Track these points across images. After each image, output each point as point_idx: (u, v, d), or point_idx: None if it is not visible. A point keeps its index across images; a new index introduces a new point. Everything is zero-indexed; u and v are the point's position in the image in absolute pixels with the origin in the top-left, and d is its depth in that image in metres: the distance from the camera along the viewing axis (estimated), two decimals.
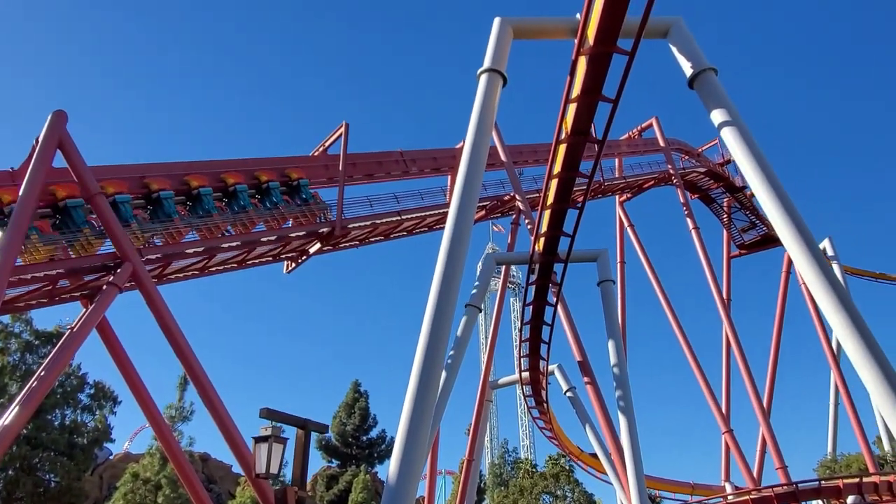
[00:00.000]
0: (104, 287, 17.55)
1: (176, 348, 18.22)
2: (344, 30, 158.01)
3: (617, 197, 42.61)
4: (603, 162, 37.73)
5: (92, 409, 30.87)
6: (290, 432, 7.96)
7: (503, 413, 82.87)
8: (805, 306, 44.20)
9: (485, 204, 29.91)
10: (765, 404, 37.03)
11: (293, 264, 25.04)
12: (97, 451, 35.83)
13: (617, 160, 41.68)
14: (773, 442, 32.30)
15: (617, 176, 40.40)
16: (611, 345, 19.92)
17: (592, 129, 14.81)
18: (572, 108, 13.62)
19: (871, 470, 35.28)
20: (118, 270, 17.56)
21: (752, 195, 48.86)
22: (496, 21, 13.32)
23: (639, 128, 44.89)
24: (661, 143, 43.02)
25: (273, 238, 22.38)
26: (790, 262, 47.15)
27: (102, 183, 18.47)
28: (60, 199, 18.23)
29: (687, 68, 13.12)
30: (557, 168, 15.40)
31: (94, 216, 18.27)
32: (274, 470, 7.09)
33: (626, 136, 44.58)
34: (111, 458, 50.18)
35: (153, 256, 19.44)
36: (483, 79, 12.95)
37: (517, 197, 29.09)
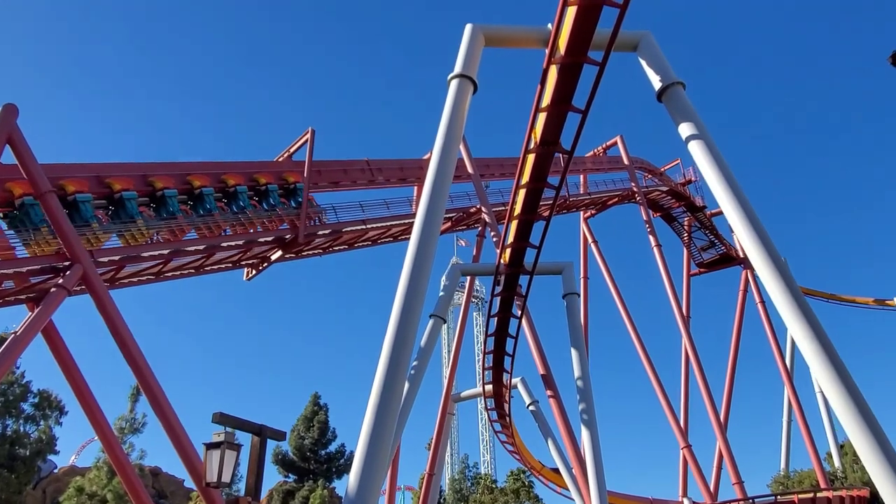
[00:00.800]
0: (52, 289, 16.74)
1: (127, 356, 17.45)
2: (311, 33, 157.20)
3: (581, 213, 43.10)
4: (568, 178, 38.23)
5: (36, 419, 29.39)
6: (246, 440, 7.57)
7: (464, 428, 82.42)
8: (761, 324, 45.37)
9: (451, 215, 29.82)
10: (722, 419, 37.58)
11: (253, 271, 24.43)
12: (40, 464, 34.13)
13: (582, 176, 42.19)
14: (730, 457, 32.74)
15: (581, 192, 40.86)
16: (575, 357, 19.91)
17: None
18: (542, 117, 13.61)
19: (823, 486, 36.11)
20: (68, 272, 16.78)
21: (712, 215, 50.06)
22: (468, 28, 13.27)
23: (604, 145, 45.59)
24: (626, 161, 43.72)
25: (237, 243, 21.76)
26: (747, 281, 48.36)
27: (63, 181, 17.93)
28: (17, 196, 17.62)
29: (655, 82, 13.26)
30: (525, 178, 15.36)
31: None
32: (226, 478, 6.65)
33: (592, 153, 45.21)
34: (55, 471, 47.99)
35: (106, 259, 18.66)
36: (453, 84, 12.84)
37: (483, 209, 29.10)
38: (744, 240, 11.12)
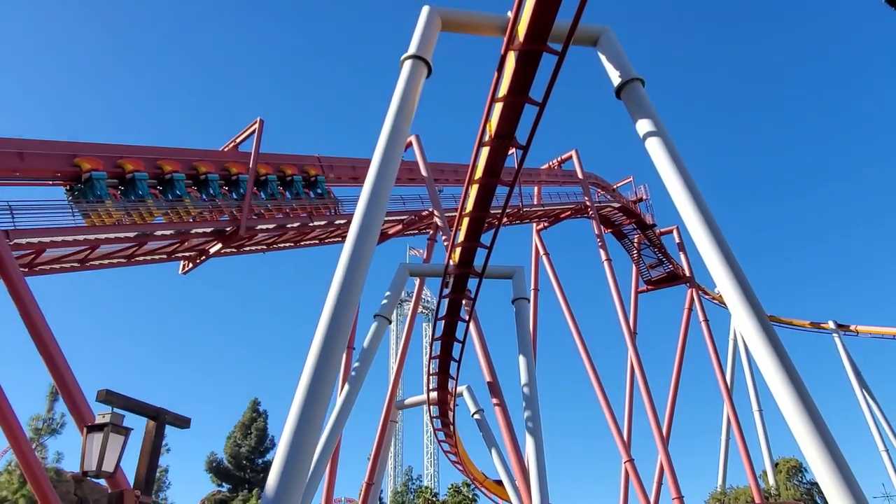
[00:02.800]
0: None
1: (42, 349, 16.02)
2: (265, 22, 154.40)
3: (534, 225, 43.09)
4: (522, 189, 38.17)
5: None
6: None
7: (410, 439, 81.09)
8: (704, 342, 46.17)
9: (402, 218, 29.17)
10: (664, 434, 37.78)
11: (190, 264, 23.11)
12: None
13: (536, 188, 42.23)
14: (671, 472, 32.88)
15: (535, 203, 40.80)
16: (522, 363, 19.40)
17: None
18: (498, 108, 13.10)
19: (758, 502, 36.69)
20: None
21: (661, 233, 50.93)
22: (425, 9, 12.72)
23: (559, 159, 45.82)
24: (580, 176, 44.01)
25: (170, 232, 20.49)
26: (692, 300, 49.31)
27: None
28: (86, 171, 18.38)
29: (614, 77, 12.95)
30: (479, 173, 14.81)
31: None
32: (108, 468, 5.71)
33: (547, 165, 45.35)
34: None
35: (24, 241, 17.18)
36: (406, 65, 12.21)
37: (436, 213, 28.57)
38: (694, 233, 10.79)
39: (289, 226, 24.01)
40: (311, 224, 24.67)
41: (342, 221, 25.90)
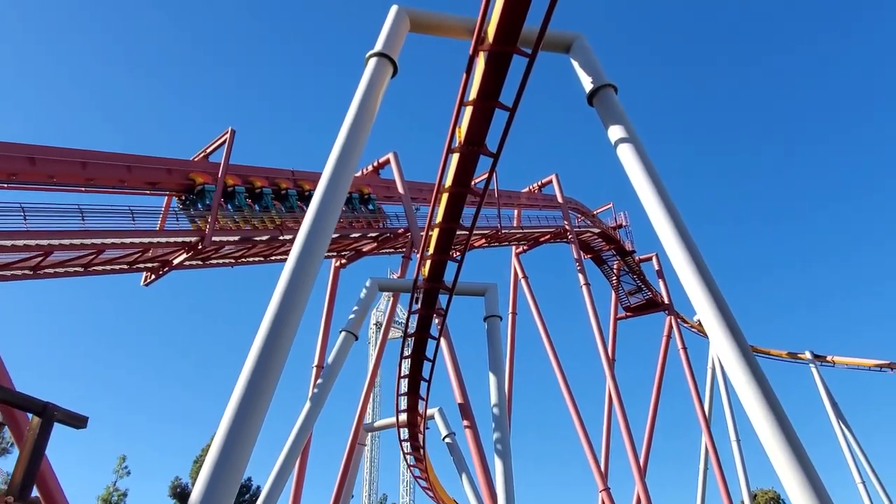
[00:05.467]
0: None
1: None
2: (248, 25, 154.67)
3: (513, 248, 42.75)
4: (501, 211, 37.92)
5: None
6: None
7: (385, 466, 79.25)
8: (682, 370, 45.80)
9: (375, 235, 28.64)
10: (641, 463, 37.10)
11: (152, 276, 22.28)
12: None
13: (516, 211, 41.99)
14: (648, 502, 32.16)
15: (515, 225, 40.50)
16: (493, 382, 18.77)
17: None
18: (468, 113, 12.72)
19: None
20: None
21: (641, 260, 50.86)
22: (393, 8, 12.38)
23: (539, 182, 45.73)
24: (560, 200, 43.90)
25: (132, 241, 19.70)
26: (671, 327, 49.08)
27: None
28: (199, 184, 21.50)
29: (587, 84, 12.68)
30: (449, 181, 14.37)
31: None
32: None
33: (527, 189, 45.23)
34: None
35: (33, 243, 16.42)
36: (371, 63, 11.81)
37: (411, 232, 28.13)
38: (663, 236, 10.39)
39: (256, 239, 23.32)
40: (280, 238, 24.00)
41: None
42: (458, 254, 17.36)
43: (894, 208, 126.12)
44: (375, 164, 32.17)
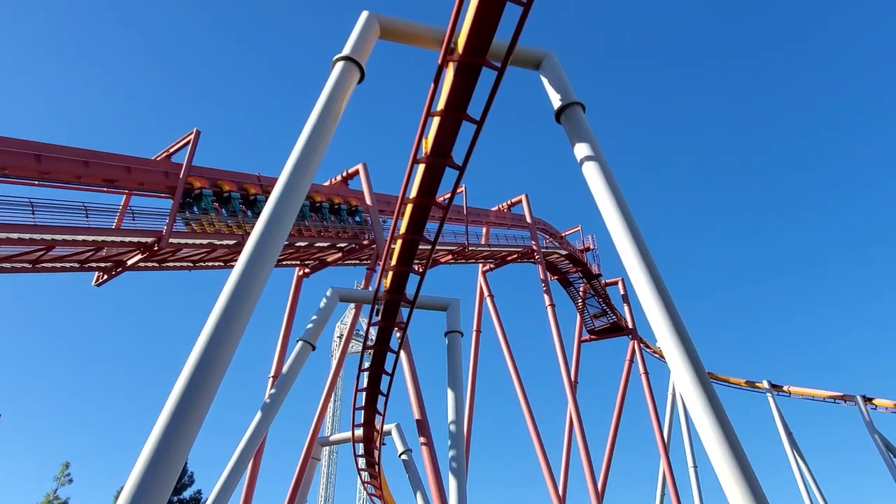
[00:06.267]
0: None
1: None
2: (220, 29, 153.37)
3: (480, 266, 42.66)
4: (469, 229, 37.88)
5: None
6: None
7: (342, 483, 77.60)
8: (643, 395, 46.07)
9: (342, 246, 28.24)
10: (599, 488, 36.97)
11: (105, 276, 21.52)
12: None
13: (484, 228, 42.00)
14: None
15: (483, 243, 40.45)
16: (451, 399, 18.47)
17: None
18: (435, 123, 12.59)
19: None
20: None
21: (607, 284, 51.24)
22: (364, 14, 12.21)
23: (508, 202, 45.91)
24: (528, 220, 44.08)
25: (84, 239, 19.01)
26: (633, 352, 49.41)
27: None
28: (197, 188, 22.37)
29: (555, 101, 12.66)
30: (413, 192, 14.18)
31: None
32: None
33: (496, 208, 45.33)
34: None
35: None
36: (338, 66, 11.58)
37: (377, 243, 27.83)
38: (624, 256, 10.34)
39: (218, 243, 22.75)
40: (244, 243, 23.47)
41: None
42: (421, 267, 17.14)
43: (862, 231, 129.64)
44: (344, 174, 31.88)
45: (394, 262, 16.39)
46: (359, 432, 23.07)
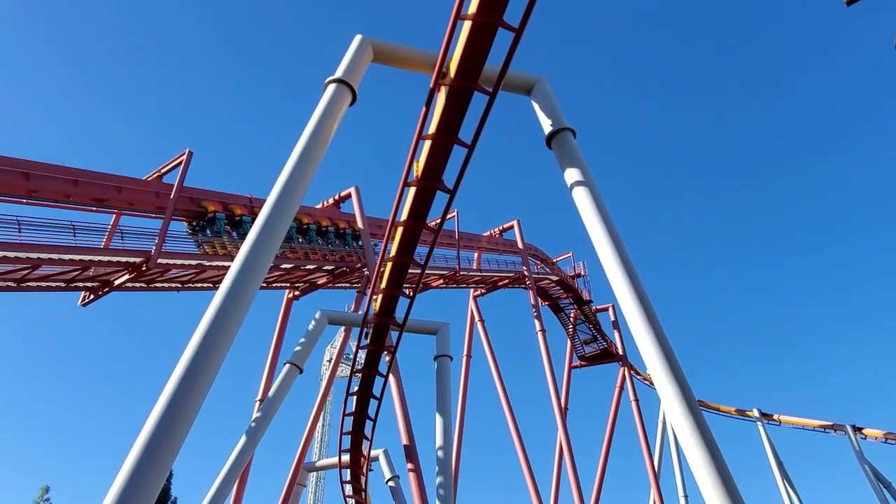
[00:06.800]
0: None
1: None
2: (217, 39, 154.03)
3: (471, 290, 42.57)
4: (461, 253, 37.88)
5: None
6: None
7: None
8: (634, 423, 45.76)
9: (331, 268, 28.13)
10: None
11: (91, 295, 21.27)
12: None
13: (476, 254, 42.00)
14: None
15: (474, 268, 40.42)
16: (439, 424, 18.25)
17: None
18: (426, 147, 12.63)
19: None
20: None
21: (597, 310, 51.22)
22: (357, 38, 12.33)
23: (500, 227, 46.04)
24: (520, 246, 44.16)
25: (70, 258, 18.82)
26: (623, 379, 49.21)
27: None
28: (210, 211, 23.16)
29: (546, 126, 12.76)
30: (404, 214, 14.16)
31: None
32: None
33: (488, 233, 45.42)
34: None
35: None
36: (330, 88, 11.65)
37: (368, 267, 27.77)
38: (614, 282, 10.32)
39: (208, 264, 22.61)
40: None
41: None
42: (411, 291, 17.06)
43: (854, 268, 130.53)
44: (337, 197, 31.92)
45: (383, 285, 16.31)
46: (345, 458, 22.70)
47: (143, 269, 20.34)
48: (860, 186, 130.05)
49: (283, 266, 25.77)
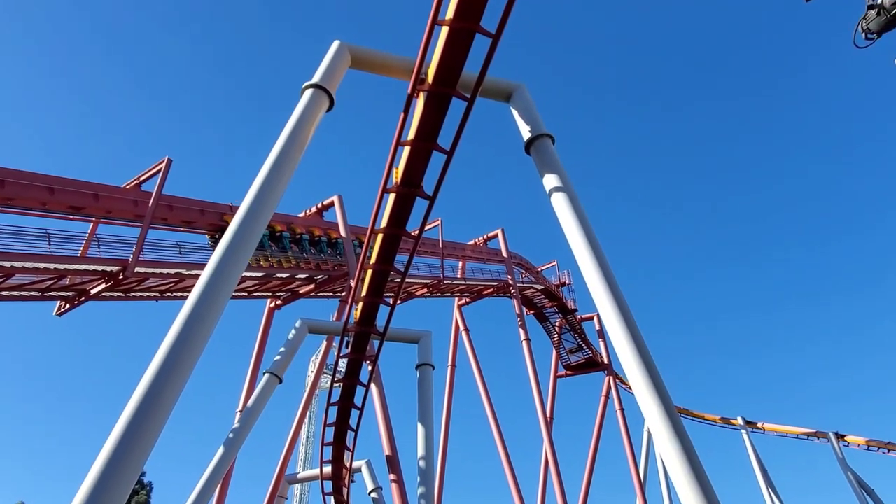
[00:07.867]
0: None
1: None
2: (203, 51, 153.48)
3: (456, 300, 42.46)
4: (445, 262, 37.77)
5: None
6: None
7: None
8: (619, 432, 45.75)
9: (305, 276, 27.88)
10: None
11: (67, 305, 20.90)
12: None
13: (460, 262, 41.93)
14: None
15: (458, 277, 40.34)
16: (420, 433, 18.06)
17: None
18: (405, 153, 12.55)
19: None
20: None
21: (582, 319, 51.26)
22: (335, 43, 12.26)
23: (485, 236, 46.02)
24: (504, 255, 44.15)
25: (45, 266, 18.47)
26: (609, 388, 49.21)
27: None
28: None
29: (525, 133, 12.75)
30: (384, 221, 14.05)
31: None
32: None
33: (473, 242, 45.38)
34: None
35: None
36: (307, 94, 11.55)
37: (350, 275, 27.55)
38: (592, 287, 10.27)
39: (186, 273, 22.31)
40: None
41: (249, 276, 24.43)
42: (392, 299, 16.91)
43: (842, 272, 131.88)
44: (319, 205, 31.73)
45: (364, 292, 16.15)
46: (327, 469, 22.41)
47: (121, 277, 20.03)
48: (841, 196, 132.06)
49: (254, 275, 25.47)
